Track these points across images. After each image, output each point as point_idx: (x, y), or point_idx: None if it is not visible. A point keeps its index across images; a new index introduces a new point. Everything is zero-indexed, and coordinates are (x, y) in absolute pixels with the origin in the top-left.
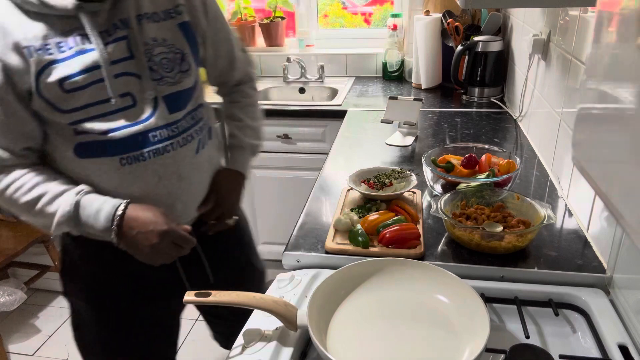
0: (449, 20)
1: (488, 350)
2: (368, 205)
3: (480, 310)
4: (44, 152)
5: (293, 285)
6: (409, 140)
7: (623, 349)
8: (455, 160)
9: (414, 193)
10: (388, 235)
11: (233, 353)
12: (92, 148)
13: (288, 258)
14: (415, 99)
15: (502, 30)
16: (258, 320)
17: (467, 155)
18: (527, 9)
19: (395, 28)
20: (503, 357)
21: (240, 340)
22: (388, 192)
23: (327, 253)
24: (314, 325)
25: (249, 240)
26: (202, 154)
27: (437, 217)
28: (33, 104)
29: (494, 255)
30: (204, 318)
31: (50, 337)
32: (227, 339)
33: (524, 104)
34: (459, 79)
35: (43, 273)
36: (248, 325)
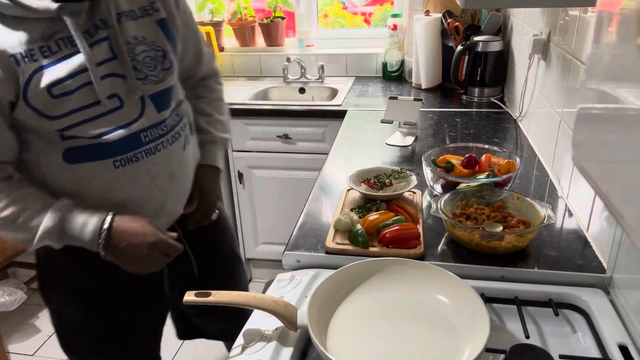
0: (449, 20)
1: (488, 350)
2: (368, 205)
3: (480, 310)
4: (24, 161)
5: (293, 285)
6: (409, 140)
7: (623, 349)
8: (455, 160)
9: (414, 193)
10: (388, 235)
11: (233, 353)
12: (83, 153)
13: (288, 258)
14: (415, 99)
15: (502, 30)
16: (258, 320)
17: (467, 155)
18: (527, 9)
19: (395, 28)
20: (503, 357)
21: (240, 340)
22: (388, 192)
23: (327, 253)
24: (314, 325)
25: (232, 231)
26: (187, 150)
27: (437, 217)
28: (17, 114)
29: (494, 255)
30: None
31: (50, 337)
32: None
33: (524, 104)
34: (459, 79)
35: None
36: (248, 325)
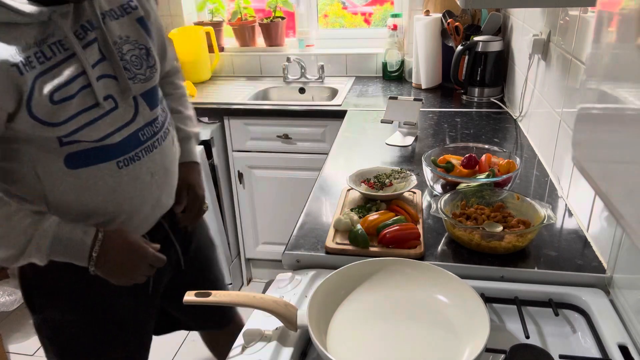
0: (449, 20)
1: (488, 350)
2: (368, 205)
3: (480, 310)
4: (15, 173)
5: (293, 285)
6: (409, 140)
7: (623, 349)
8: (455, 160)
9: (414, 193)
10: (388, 235)
11: (233, 353)
12: (86, 156)
13: (288, 258)
14: (415, 99)
15: (502, 30)
16: (258, 320)
17: (467, 155)
18: (527, 9)
19: (395, 28)
20: (503, 357)
21: (240, 340)
22: (388, 192)
23: (327, 253)
24: (314, 325)
25: (204, 220)
26: (174, 145)
27: (437, 217)
28: (16, 125)
29: (494, 255)
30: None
31: None
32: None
33: (524, 104)
34: (459, 79)
35: None
36: (248, 325)
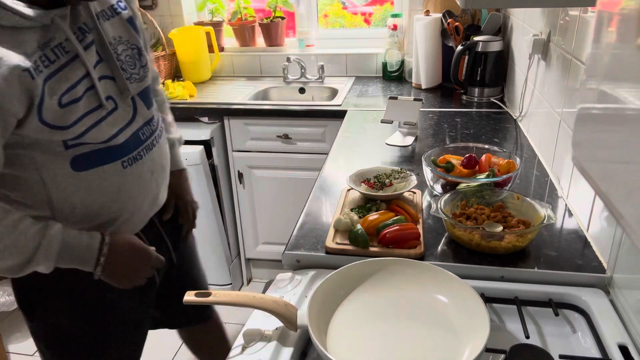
0: (449, 20)
1: (488, 350)
2: (368, 205)
3: (480, 310)
4: (19, 179)
5: (293, 285)
6: (409, 140)
7: (623, 349)
8: (455, 160)
9: (414, 193)
10: (388, 235)
11: (233, 353)
12: (93, 158)
13: (288, 258)
14: (415, 99)
15: (502, 30)
16: (258, 320)
17: (467, 155)
18: (527, 9)
19: (395, 28)
20: (503, 357)
21: (240, 340)
22: (388, 192)
23: (327, 253)
24: (314, 325)
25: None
26: (166, 142)
27: (437, 217)
28: (24, 130)
29: (494, 255)
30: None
31: None
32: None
33: (524, 104)
34: (459, 79)
35: None
36: (248, 325)
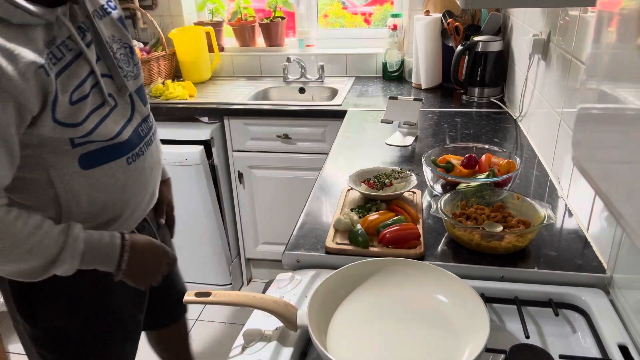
0: (449, 20)
1: (488, 350)
2: (368, 205)
3: (480, 310)
4: (27, 180)
5: (293, 285)
6: (409, 140)
7: (623, 349)
8: (455, 160)
9: (414, 193)
10: (388, 235)
11: (233, 353)
12: (99, 156)
13: (288, 258)
14: (415, 99)
15: (502, 30)
16: (258, 320)
17: (467, 155)
18: (527, 9)
19: (395, 28)
20: (503, 357)
21: (240, 340)
22: (388, 192)
23: (327, 253)
24: (314, 325)
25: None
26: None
27: (437, 217)
28: (38, 128)
29: (494, 255)
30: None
31: None
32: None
33: (524, 104)
34: (459, 79)
35: None
36: (248, 325)
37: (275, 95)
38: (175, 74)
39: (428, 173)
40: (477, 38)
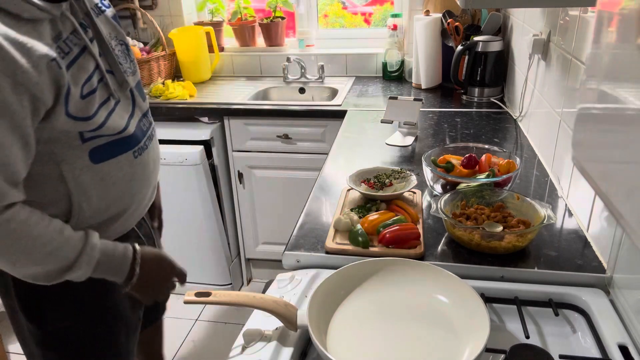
0: (449, 20)
1: (488, 350)
2: (368, 205)
3: (480, 310)
4: (39, 176)
5: (293, 285)
6: (409, 140)
7: (623, 349)
8: (455, 160)
9: (414, 193)
10: (388, 235)
11: (233, 353)
12: (108, 149)
13: (288, 258)
14: (415, 99)
15: (502, 30)
16: (258, 320)
17: (467, 155)
18: (527, 9)
19: (395, 28)
20: (503, 357)
21: (240, 340)
22: (388, 192)
23: (327, 253)
24: (314, 325)
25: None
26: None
27: (437, 217)
28: (52, 122)
29: (494, 255)
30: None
31: None
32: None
33: (524, 104)
34: (459, 79)
35: None
36: (248, 325)
37: (275, 95)
38: (175, 74)
39: (428, 173)
40: (477, 38)
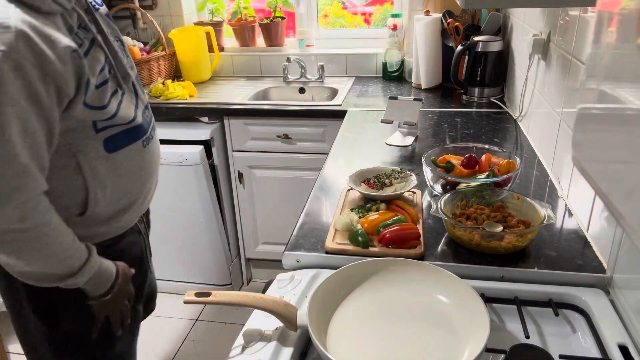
0: (449, 20)
1: (488, 350)
2: (368, 205)
3: (480, 310)
4: (57, 168)
5: (293, 285)
6: (409, 140)
7: (623, 349)
8: (455, 160)
9: (414, 193)
10: (388, 235)
11: (233, 353)
12: (121, 139)
13: (288, 258)
14: (415, 99)
15: (502, 30)
16: (258, 320)
17: (467, 155)
18: (527, 9)
19: (395, 28)
20: (503, 357)
21: (240, 340)
22: (388, 192)
23: (327, 253)
24: (314, 325)
25: None
26: None
27: (437, 217)
28: (72, 112)
29: (494, 255)
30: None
31: None
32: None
33: (524, 104)
34: (459, 79)
35: None
36: (248, 325)
37: (275, 95)
38: (175, 74)
39: (428, 173)
40: (477, 38)
